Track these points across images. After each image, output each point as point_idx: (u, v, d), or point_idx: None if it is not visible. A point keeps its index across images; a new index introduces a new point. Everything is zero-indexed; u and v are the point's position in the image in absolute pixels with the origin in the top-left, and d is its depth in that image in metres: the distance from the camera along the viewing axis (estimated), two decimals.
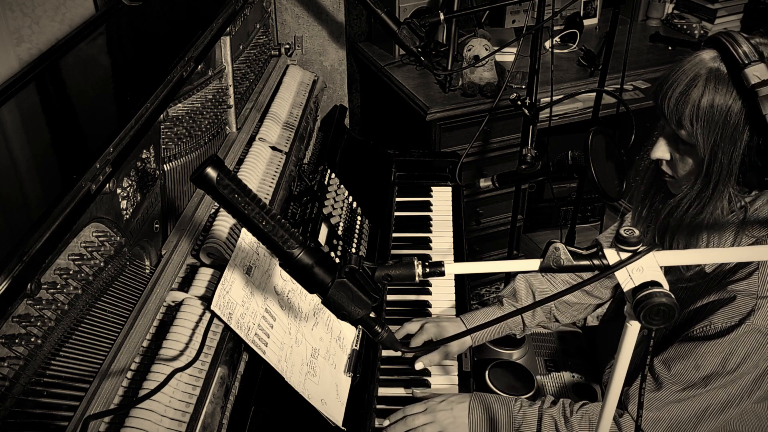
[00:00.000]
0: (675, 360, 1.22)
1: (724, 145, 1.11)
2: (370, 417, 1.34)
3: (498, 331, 1.58)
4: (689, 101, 1.11)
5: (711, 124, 1.10)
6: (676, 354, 1.22)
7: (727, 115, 1.09)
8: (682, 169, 1.20)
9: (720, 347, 1.16)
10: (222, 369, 1.11)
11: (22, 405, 0.88)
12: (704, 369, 1.18)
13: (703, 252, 1.15)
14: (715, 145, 1.11)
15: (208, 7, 1.65)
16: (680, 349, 1.22)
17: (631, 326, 0.88)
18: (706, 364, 1.18)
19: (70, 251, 0.99)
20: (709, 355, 1.17)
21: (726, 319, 1.16)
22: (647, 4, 3.04)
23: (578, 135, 2.39)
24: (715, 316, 1.17)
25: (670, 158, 1.22)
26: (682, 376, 1.21)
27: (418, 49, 1.84)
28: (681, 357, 1.21)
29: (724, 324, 1.16)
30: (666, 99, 1.14)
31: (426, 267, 0.95)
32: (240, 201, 0.89)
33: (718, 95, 1.09)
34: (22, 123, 1.19)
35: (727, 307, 1.16)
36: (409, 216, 1.99)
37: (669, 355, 1.24)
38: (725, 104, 1.09)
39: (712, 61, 1.11)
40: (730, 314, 1.16)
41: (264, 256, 1.31)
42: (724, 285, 1.19)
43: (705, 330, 1.18)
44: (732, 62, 1.08)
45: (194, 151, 1.45)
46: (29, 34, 1.55)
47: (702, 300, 1.23)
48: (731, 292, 1.17)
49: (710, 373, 1.18)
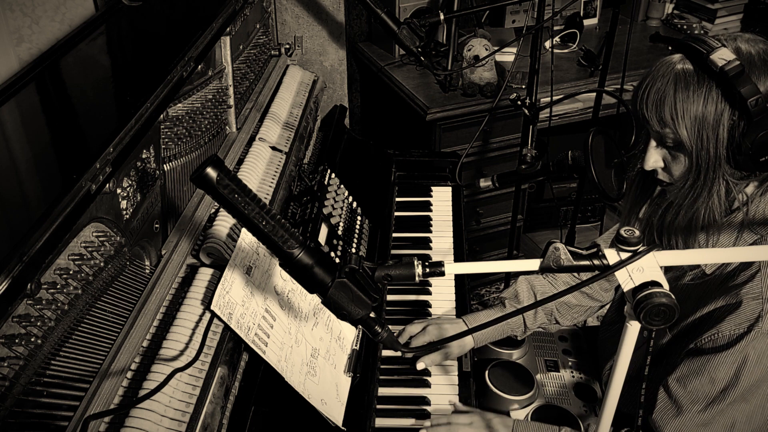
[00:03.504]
0: (689, 377, 1.20)
1: (707, 131, 1.11)
2: (370, 417, 1.34)
3: (500, 333, 1.58)
4: (666, 98, 1.13)
5: (691, 114, 1.11)
6: (689, 370, 1.21)
7: (706, 102, 1.10)
8: (676, 170, 1.20)
9: (732, 357, 1.15)
10: (222, 369, 1.11)
11: (22, 405, 0.88)
12: (720, 382, 1.17)
13: (703, 252, 1.14)
14: (699, 133, 1.12)
15: (208, 7, 1.65)
16: (693, 365, 1.20)
17: (631, 326, 0.88)
18: (720, 377, 1.16)
19: (70, 251, 0.99)
20: (723, 366, 1.16)
21: (734, 326, 1.14)
22: (647, 4, 3.04)
23: (578, 135, 2.39)
24: (723, 324, 1.16)
25: (663, 164, 1.21)
26: (699, 392, 1.19)
27: (418, 49, 1.84)
28: (694, 373, 1.20)
29: (732, 332, 1.15)
30: (644, 102, 1.16)
31: (426, 267, 0.95)
32: (240, 201, 0.89)
33: (692, 87, 1.11)
34: (22, 123, 1.19)
35: (733, 314, 1.15)
36: (409, 216, 1.99)
37: (682, 372, 1.22)
38: (701, 93, 1.10)
39: (680, 62, 1.14)
40: (738, 321, 1.14)
41: (264, 256, 1.31)
42: (729, 290, 1.18)
43: (714, 340, 1.17)
44: (697, 55, 1.11)
45: (194, 151, 1.45)
46: (29, 34, 1.55)
47: (707, 306, 1.21)
48: (736, 297, 1.16)
49: (726, 386, 1.16)
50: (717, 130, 1.11)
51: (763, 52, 1.10)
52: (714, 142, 1.11)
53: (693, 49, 1.12)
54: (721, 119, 1.10)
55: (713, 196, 1.16)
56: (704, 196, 1.16)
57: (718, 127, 1.10)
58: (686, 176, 1.18)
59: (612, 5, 2.23)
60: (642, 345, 1.00)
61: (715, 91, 1.09)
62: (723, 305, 1.18)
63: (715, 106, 1.10)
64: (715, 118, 1.10)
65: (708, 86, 1.10)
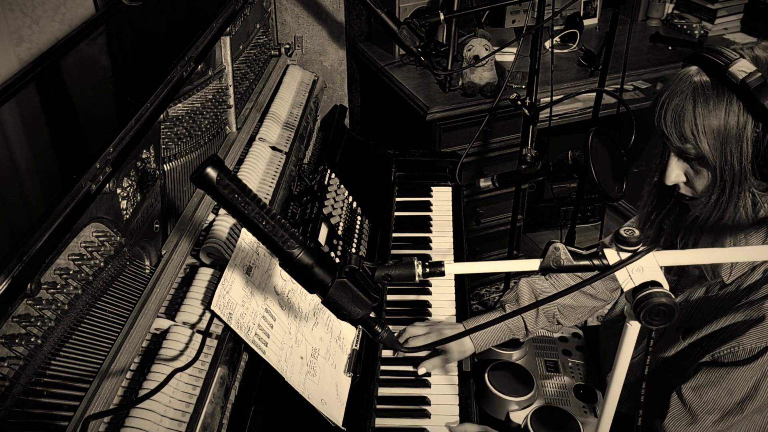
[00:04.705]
0: (705, 387, 1.20)
1: (730, 145, 1.08)
2: (370, 417, 1.34)
3: (501, 336, 1.57)
4: (685, 114, 1.10)
5: (713, 129, 1.09)
6: (706, 380, 1.20)
7: (727, 116, 1.08)
8: (699, 184, 1.17)
9: (752, 371, 1.14)
10: (222, 369, 1.11)
11: (22, 405, 0.88)
12: (737, 394, 1.16)
13: (704, 252, 1.13)
14: (722, 147, 1.09)
15: (208, 7, 1.65)
16: (710, 376, 1.19)
17: (631, 326, 0.88)
18: (738, 389, 1.16)
19: (70, 251, 0.99)
20: (742, 379, 1.15)
21: (756, 340, 1.13)
22: (647, 4, 3.04)
23: (578, 135, 2.38)
24: (744, 337, 1.15)
25: (685, 179, 1.18)
26: (716, 402, 1.18)
27: (418, 49, 1.84)
28: (712, 384, 1.19)
29: (753, 345, 1.13)
30: (662, 119, 1.14)
31: (426, 267, 0.95)
32: (240, 201, 0.89)
33: (711, 101, 1.08)
34: (22, 123, 1.19)
35: (755, 328, 1.14)
36: (409, 216, 1.98)
37: (698, 382, 1.21)
38: (721, 106, 1.08)
39: (696, 74, 1.11)
40: (760, 335, 1.13)
41: (264, 256, 1.31)
42: (752, 303, 1.16)
43: (734, 353, 1.16)
44: (714, 68, 1.08)
45: (194, 151, 1.45)
46: (29, 34, 1.55)
47: (726, 317, 1.20)
48: (759, 311, 1.14)
49: (744, 398, 1.16)
50: (740, 143, 1.08)
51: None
52: (738, 156, 1.09)
53: (710, 62, 1.09)
54: (744, 132, 1.07)
55: (740, 210, 1.14)
56: (731, 211, 1.14)
57: (741, 141, 1.08)
58: (710, 190, 1.15)
59: (612, 5, 2.23)
60: (644, 349, 0.99)
61: (736, 104, 1.06)
62: (744, 319, 1.16)
63: (737, 119, 1.07)
64: (738, 131, 1.07)
65: (728, 99, 1.07)
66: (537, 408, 1.48)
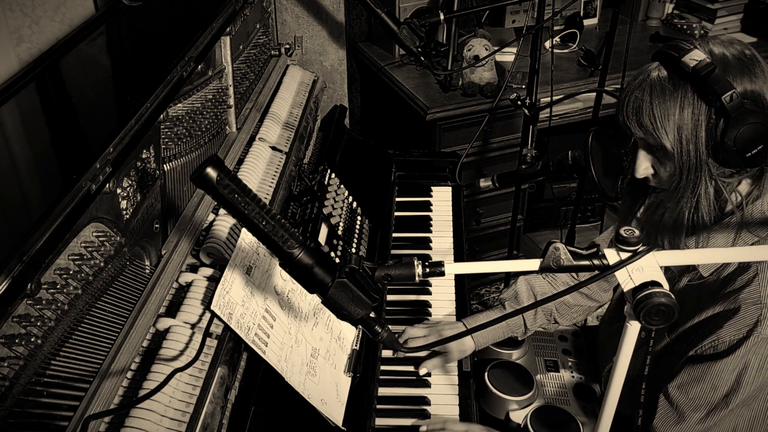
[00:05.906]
0: (690, 384, 1.20)
1: (686, 133, 1.12)
2: (370, 417, 1.34)
3: (500, 335, 1.57)
4: (643, 105, 1.14)
5: (669, 119, 1.12)
6: (690, 377, 1.20)
7: (682, 105, 1.11)
8: (664, 174, 1.20)
9: (733, 363, 1.15)
10: (222, 369, 1.11)
11: (22, 405, 0.88)
12: (722, 388, 1.16)
13: (704, 252, 1.14)
14: (679, 134, 1.12)
15: (208, 7, 1.65)
16: (693, 372, 1.20)
17: (630, 326, 0.88)
18: (722, 383, 1.16)
19: (70, 251, 0.99)
20: (724, 373, 1.16)
21: (734, 332, 1.14)
22: (647, 4, 3.04)
23: (578, 135, 2.38)
24: (723, 330, 1.15)
25: (653, 171, 1.22)
26: (701, 399, 1.19)
27: (418, 49, 1.84)
28: (696, 380, 1.19)
29: (732, 338, 1.14)
30: (624, 110, 1.18)
31: (426, 267, 0.95)
32: (240, 201, 0.89)
33: (667, 92, 1.12)
34: (22, 123, 1.19)
35: (733, 320, 1.15)
36: (409, 216, 1.98)
37: (683, 379, 1.22)
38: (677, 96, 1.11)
39: (656, 69, 1.15)
40: (737, 327, 1.14)
41: (264, 256, 1.31)
42: (727, 295, 1.17)
43: (714, 346, 1.17)
44: (671, 60, 1.12)
45: (194, 151, 1.45)
46: (29, 34, 1.55)
47: (705, 310, 1.21)
48: (735, 303, 1.15)
49: (728, 392, 1.16)
50: (696, 131, 1.11)
51: (739, 53, 1.11)
52: (694, 143, 1.12)
53: (667, 55, 1.14)
54: (699, 120, 1.11)
55: (699, 197, 1.16)
56: (687, 196, 1.17)
57: (696, 128, 1.11)
58: (672, 179, 1.18)
59: (612, 5, 2.23)
60: (641, 346, 1.00)
61: (690, 93, 1.10)
62: (722, 311, 1.18)
63: (692, 107, 1.11)
64: (694, 119, 1.11)
65: (683, 89, 1.11)
66: (537, 407, 1.48)
